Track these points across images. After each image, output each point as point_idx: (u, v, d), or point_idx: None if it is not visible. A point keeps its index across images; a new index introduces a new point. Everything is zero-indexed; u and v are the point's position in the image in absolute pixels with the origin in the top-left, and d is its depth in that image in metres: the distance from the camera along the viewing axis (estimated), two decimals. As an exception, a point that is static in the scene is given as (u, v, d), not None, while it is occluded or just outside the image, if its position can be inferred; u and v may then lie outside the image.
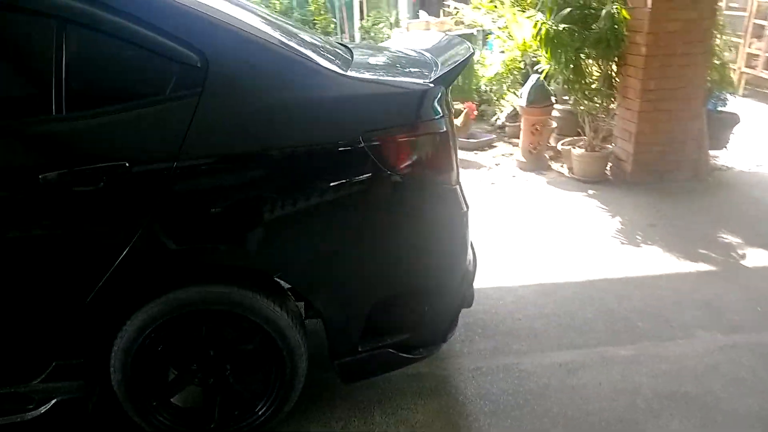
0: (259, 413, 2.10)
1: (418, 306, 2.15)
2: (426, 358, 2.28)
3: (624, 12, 4.22)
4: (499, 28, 6.24)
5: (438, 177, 2.05)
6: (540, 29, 4.35)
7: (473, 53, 2.30)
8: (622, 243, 3.67)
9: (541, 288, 3.17)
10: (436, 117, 1.98)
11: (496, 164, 5.41)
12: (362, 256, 2.02)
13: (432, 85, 1.98)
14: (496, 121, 6.57)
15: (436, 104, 1.98)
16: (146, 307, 1.89)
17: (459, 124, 5.62)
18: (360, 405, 2.33)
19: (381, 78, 2.10)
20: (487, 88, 6.72)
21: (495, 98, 6.64)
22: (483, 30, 7.05)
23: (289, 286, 2.07)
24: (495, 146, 6.00)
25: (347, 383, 2.25)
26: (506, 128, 6.24)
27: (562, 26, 4.29)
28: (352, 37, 16.49)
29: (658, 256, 3.47)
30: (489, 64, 6.64)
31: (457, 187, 2.13)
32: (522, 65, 5.98)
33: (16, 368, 1.96)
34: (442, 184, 2.06)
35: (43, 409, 1.95)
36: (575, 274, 3.30)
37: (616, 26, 4.21)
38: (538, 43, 4.47)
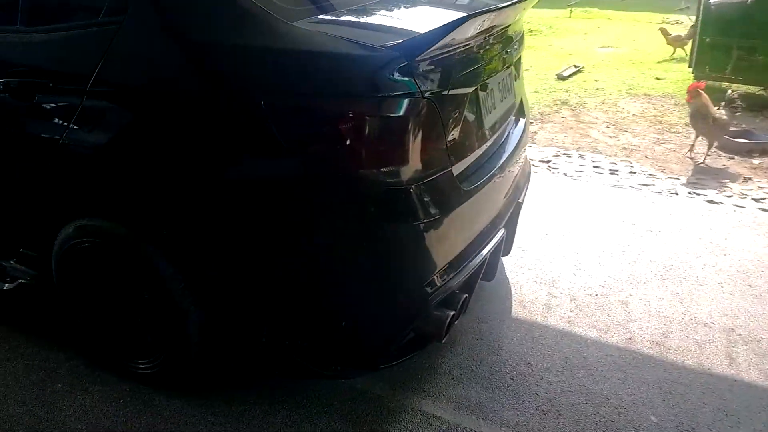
0: (144, 365, 2.05)
1: (333, 317, 1.77)
2: (344, 379, 1.95)
3: None
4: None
5: (376, 172, 1.61)
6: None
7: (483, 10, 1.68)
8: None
9: (614, 359, 2.30)
10: (378, 95, 1.57)
11: (745, 179, 4.01)
12: (252, 242, 1.73)
13: (388, 50, 1.57)
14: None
15: (395, 77, 1.55)
16: (67, 225, 1.95)
17: (712, 116, 4.26)
18: (276, 398, 2.06)
19: (328, 35, 1.69)
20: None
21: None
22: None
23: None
24: (773, 155, 4.46)
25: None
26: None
27: None
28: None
29: None
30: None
31: (413, 188, 1.65)
32: None
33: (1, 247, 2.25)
34: (381, 182, 1.62)
35: (8, 286, 2.24)
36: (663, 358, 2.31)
37: None
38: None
